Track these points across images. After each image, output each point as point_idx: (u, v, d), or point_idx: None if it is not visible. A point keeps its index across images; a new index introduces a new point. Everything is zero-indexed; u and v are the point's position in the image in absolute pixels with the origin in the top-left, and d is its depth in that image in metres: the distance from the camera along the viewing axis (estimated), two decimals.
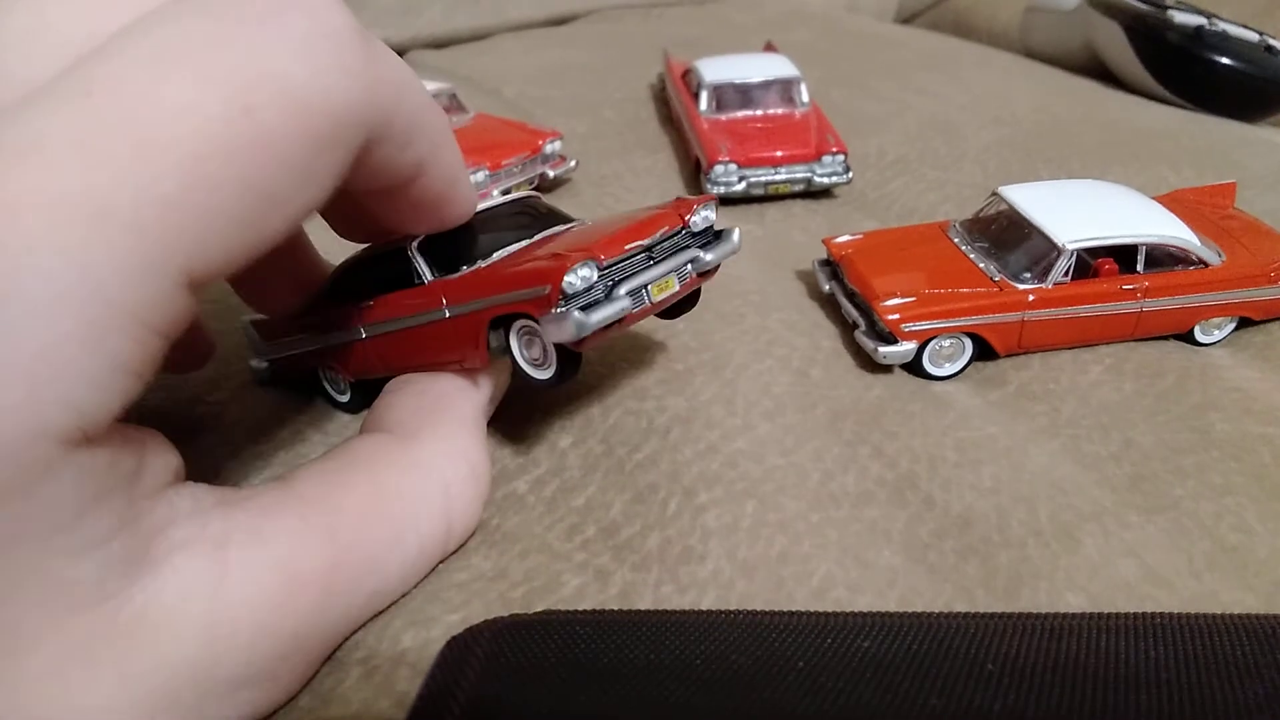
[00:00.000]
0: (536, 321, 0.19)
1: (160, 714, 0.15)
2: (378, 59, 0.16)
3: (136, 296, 0.13)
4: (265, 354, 0.26)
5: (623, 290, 0.20)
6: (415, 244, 0.21)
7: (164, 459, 0.16)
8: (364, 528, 0.18)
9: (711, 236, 0.23)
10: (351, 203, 0.20)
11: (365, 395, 0.24)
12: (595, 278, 0.19)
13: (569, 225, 0.24)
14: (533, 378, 0.21)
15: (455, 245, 0.22)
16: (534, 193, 0.25)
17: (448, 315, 0.21)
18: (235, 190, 0.14)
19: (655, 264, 0.21)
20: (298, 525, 0.17)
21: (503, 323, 0.21)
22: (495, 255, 0.22)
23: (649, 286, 0.21)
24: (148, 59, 0.13)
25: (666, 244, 0.22)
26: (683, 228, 0.22)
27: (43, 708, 0.14)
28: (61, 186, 0.12)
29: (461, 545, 0.21)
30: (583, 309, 0.19)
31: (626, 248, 0.20)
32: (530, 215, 0.24)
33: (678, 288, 0.22)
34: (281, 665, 0.16)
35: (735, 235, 0.23)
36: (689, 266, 0.22)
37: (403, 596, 0.19)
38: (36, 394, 0.12)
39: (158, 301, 0.13)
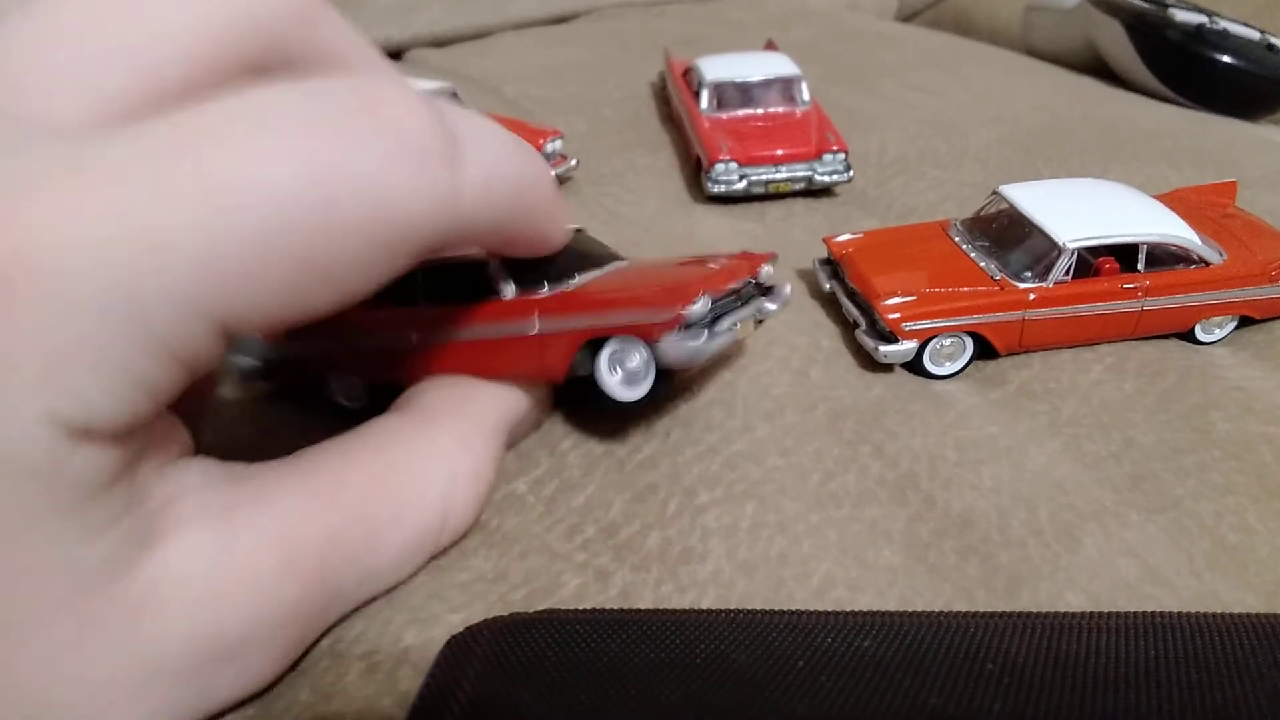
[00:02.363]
0: (650, 344, 0.21)
1: (158, 682, 0.15)
2: (464, 172, 0.16)
3: (171, 328, 0.13)
4: (265, 353, 0.26)
5: (724, 324, 0.22)
6: (497, 259, 0.22)
7: (172, 434, 0.17)
8: (367, 502, 0.18)
9: (769, 289, 0.26)
10: None
11: (381, 403, 0.23)
12: (708, 310, 0.21)
13: (623, 261, 0.25)
14: (616, 397, 0.22)
15: (536, 265, 0.22)
16: (581, 227, 0.26)
17: (536, 331, 0.22)
18: (294, 267, 0.14)
19: (742, 305, 0.24)
20: (301, 495, 0.17)
21: (590, 345, 0.22)
22: (576, 279, 0.23)
23: (737, 324, 0.23)
24: (246, 124, 0.14)
25: (745, 292, 0.24)
26: (752, 279, 0.25)
27: (48, 684, 0.14)
28: (132, 211, 0.13)
29: (453, 543, 0.21)
30: (697, 335, 0.21)
31: (727, 288, 0.23)
32: (588, 247, 0.25)
33: (753, 329, 0.25)
34: (278, 634, 0.16)
35: (788, 289, 0.26)
36: (758, 312, 0.24)
37: (398, 589, 0.19)
38: (53, 380, 0.13)
39: (190, 338, 0.14)
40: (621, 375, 0.22)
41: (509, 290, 0.22)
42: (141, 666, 0.15)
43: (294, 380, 0.26)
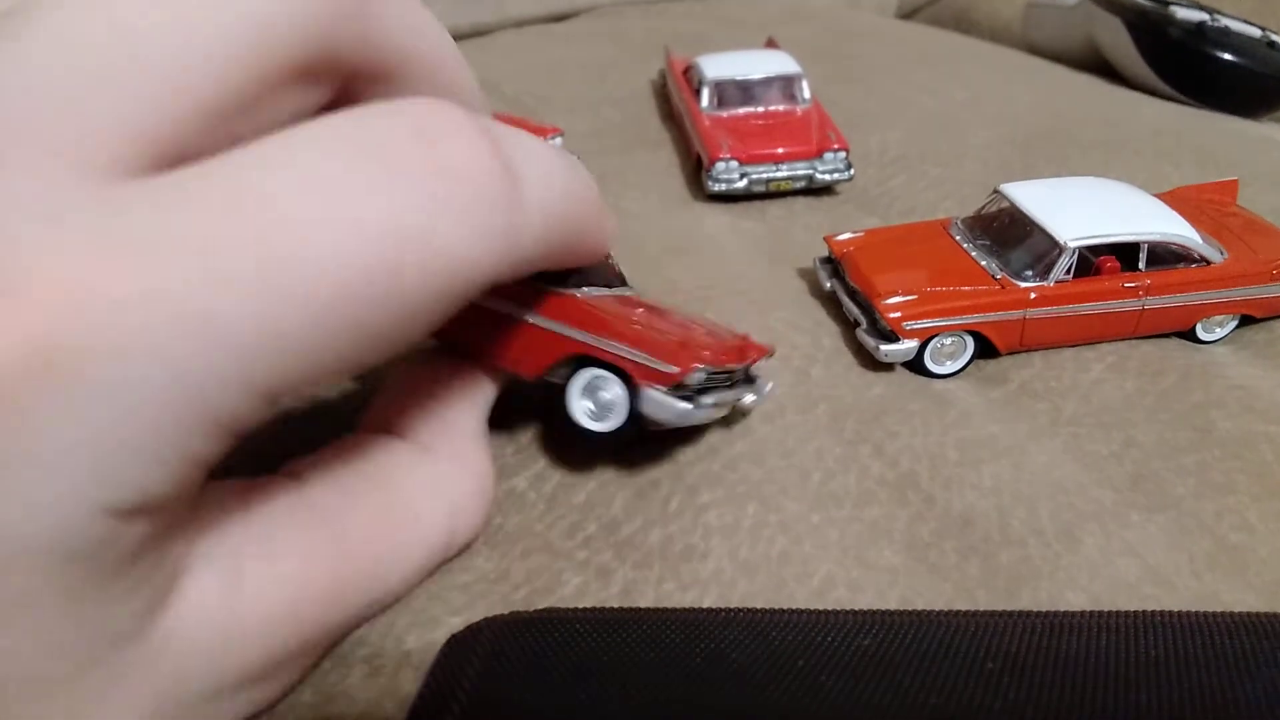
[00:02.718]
0: (633, 386, 0.21)
1: (166, 718, 0.15)
2: (526, 209, 0.15)
3: (225, 406, 0.13)
4: None
5: (709, 400, 0.22)
6: None
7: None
8: (371, 539, 0.18)
9: (754, 379, 0.25)
10: None
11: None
12: (703, 381, 0.21)
13: (630, 289, 0.25)
14: (578, 422, 0.21)
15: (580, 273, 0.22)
16: None
17: (530, 321, 0.21)
18: (351, 336, 0.13)
19: (728, 388, 0.23)
20: (307, 538, 0.17)
21: (575, 361, 0.21)
22: (583, 290, 0.22)
23: (717, 405, 0.22)
24: (297, 183, 0.13)
25: (739, 374, 0.24)
26: (746, 366, 0.24)
27: None
28: (182, 290, 0.12)
29: (461, 552, 0.21)
30: (683, 400, 0.21)
31: (724, 367, 0.22)
32: (604, 269, 0.24)
33: (724, 414, 0.24)
34: (282, 669, 0.17)
35: (769, 386, 0.25)
36: (739, 400, 0.24)
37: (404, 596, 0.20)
38: (105, 470, 0.12)
39: (242, 411, 0.13)
40: (591, 404, 0.21)
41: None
42: (157, 710, 0.15)
43: None
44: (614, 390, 0.21)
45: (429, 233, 0.13)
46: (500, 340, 0.22)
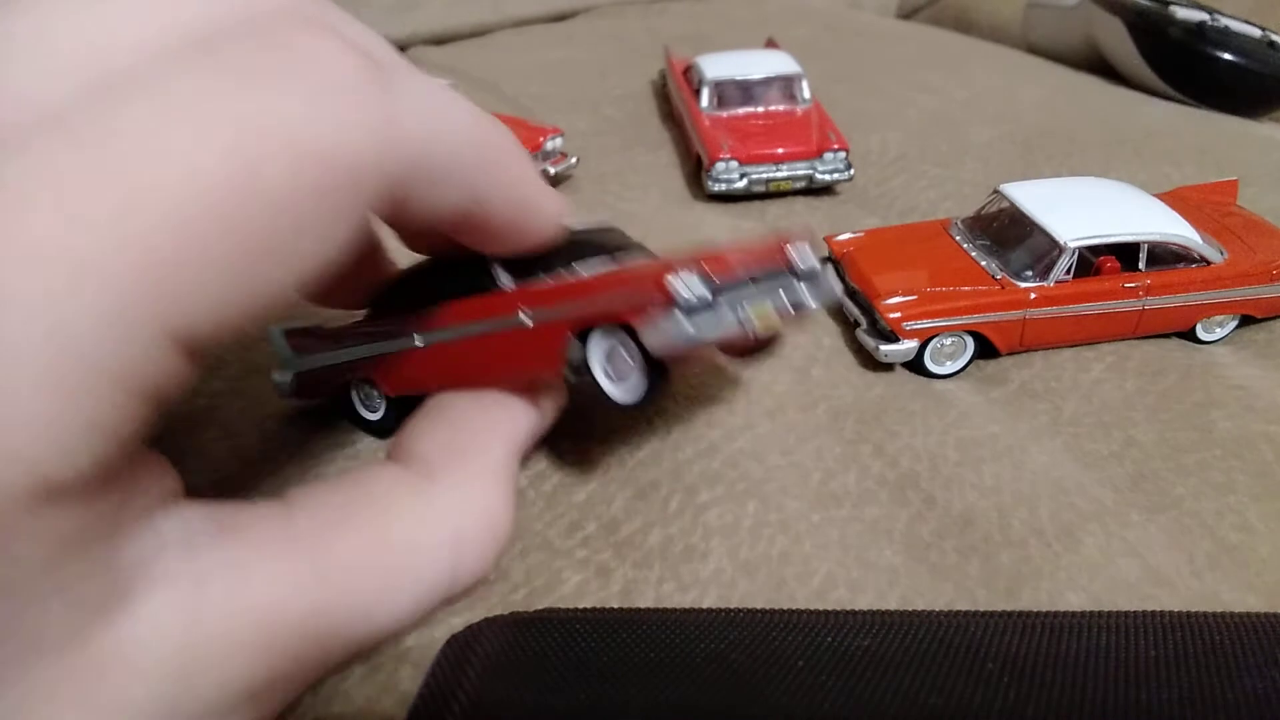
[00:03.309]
0: (632, 331, 0.18)
1: None
2: (399, 101, 0.15)
3: (115, 357, 0.12)
4: (295, 365, 0.24)
5: (722, 301, 0.19)
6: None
7: (158, 483, 0.15)
8: (357, 574, 0.17)
9: (812, 276, 0.21)
10: (419, 229, 0.20)
11: (400, 416, 0.23)
12: (703, 290, 0.18)
13: (646, 252, 0.23)
14: (610, 397, 0.19)
15: (536, 256, 0.21)
16: (612, 223, 0.24)
17: (528, 323, 0.20)
18: (231, 247, 0.13)
19: (758, 291, 0.20)
20: (284, 564, 0.16)
21: (586, 337, 0.19)
22: (577, 269, 0.21)
23: (745, 304, 0.19)
24: (147, 111, 0.12)
25: (767, 274, 0.20)
26: (784, 265, 0.21)
27: None
28: (39, 236, 0.11)
29: (469, 589, 0.20)
30: (695, 312, 0.18)
31: (734, 268, 0.19)
32: (613, 240, 0.23)
33: (777, 320, 0.20)
34: (251, 702, 0.16)
35: (830, 278, 0.22)
36: (788, 295, 0.21)
37: None
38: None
39: (141, 363, 0.12)
40: (613, 372, 0.19)
41: (506, 282, 0.21)
42: None
43: (322, 392, 0.25)
44: (621, 349, 0.19)
45: (285, 124, 0.13)
46: (515, 357, 0.21)
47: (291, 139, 0.13)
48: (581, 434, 0.24)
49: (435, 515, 0.19)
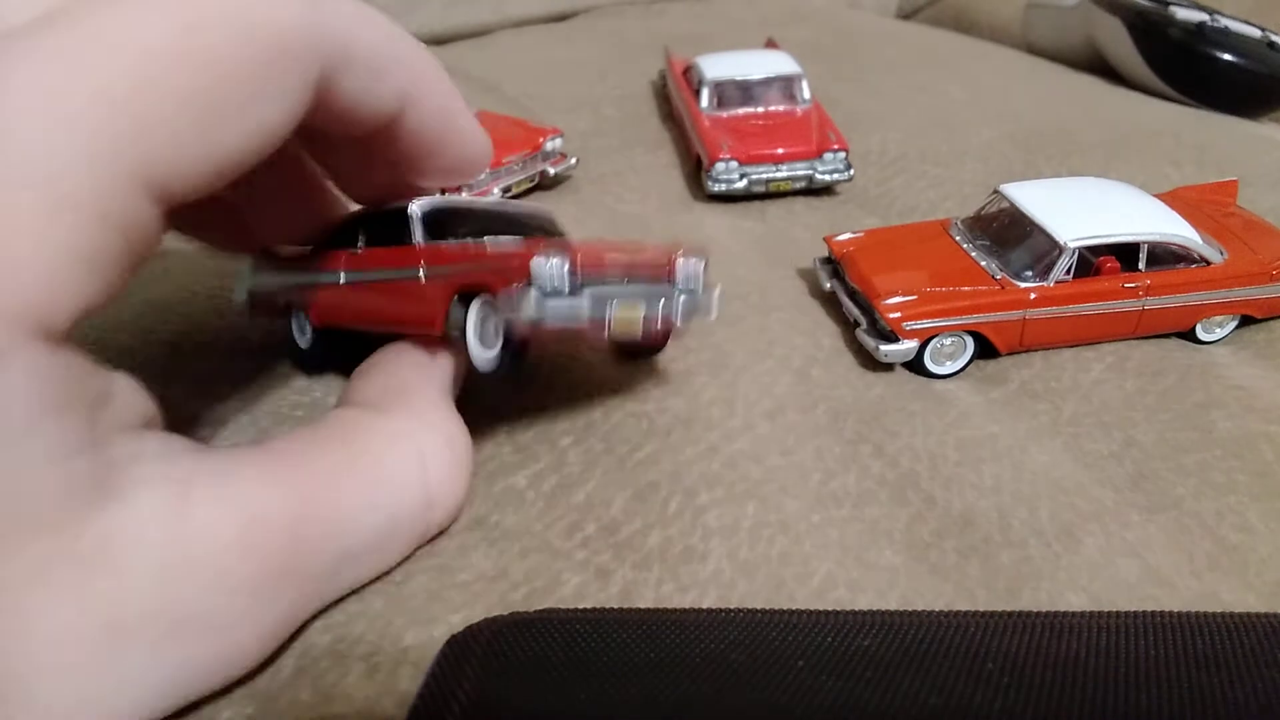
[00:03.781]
0: (495, 298, 0.20)
1: (122, 648, 0.15)
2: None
3: (92, 187, 0.14)
4: (249, 282, 0.27)
5: (585, 293, 0.20)
6: (419, 207, 0.22)
7: (137, 401, 0.17)
8: (334, 485, 0.18)
9: (691, 293, 0.22)
10: (354, 157, 0.22)
11: (326, 348, 0.26)
12: (566, 275, 0.19)
13: (561, 236, 0.25)
14: (476, 357, 0.21)
15: (454, 221, 0.23)
16: (549, 211, 0.26)
17: (422, 278, 0.22)
18: (180, 99, 0.15)
19: (632, 293, 0.21)
20: (264, 473, 0.17)
21: (469, 300, 0.21)
22: (488, 241, 0.23)
23: (614, 302, 0.20)
24: (110, 3, 0.15)
25: (646, 280, 0.21)
26: (668, 276, 0.22)
27: (2, 628, 0.14)
28: (18, 85, 0.14)
29: (450, 520, 0.21)
30: (557, 296, 0.19)
31: (607, 266, 0.20)
32: (535, 223, 0.25)
33: (641, 320, 0.21)
34: (242, 614, 0.16)
35: (715, 295, 0.23)
36: (659, 305, 0.21)
37: (398, 588, 0.19)
38: None
39: (115, 197, 0.14)
40: (485, 339, 0.21)
41: (417, 236, 0.22)
42: (100, 626, 0.15)
43: (269, 312, 0.27)
44: (485, 308, 0.21)
45: (225, 3, 0.16)
46: (408, 307, 0.22)
47: (231, 14, 0.16)
48: (582, 434, 0.24)
49: (398, 434, 0.20)
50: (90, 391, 0.15)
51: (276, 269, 0.27)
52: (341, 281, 0.24)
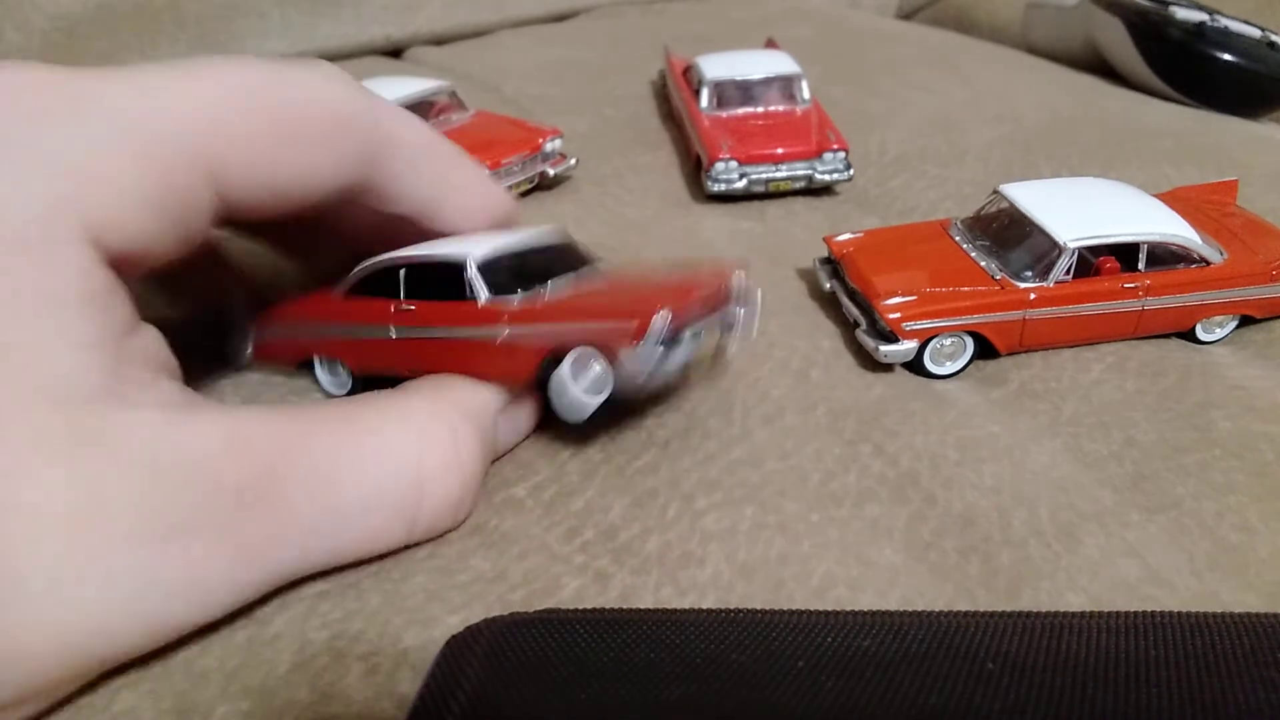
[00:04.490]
0: (603, 355, 0.21)
1: (99, 538, 0.15)
2: (378, 100, 0.23)
3: (169, 151, 0.18)
4: (260, 335, 0.27)
5: (685, 337, 0.22)
6: (475, 263, 0.22)
7: (161, 352, 0.20)
8: (325, 441, 0.19)
9: (754, 304, 0.25)
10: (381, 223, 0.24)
11: (366, 386, 0.25)
12: (669, 328, 0.21)
13: (598, 263, 0.25)
14: (572, 409, 0.22)
15: (507, 269, 0.23)
16: (561, 227, 0.26)
17: (505, 336, 0.22)
18: (253, 125, 0.20)
19: (704, 321, 0.23)
20: (260, 414, 0.19)
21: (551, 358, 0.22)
22: (549, 286, 0.23)
23: (700, 336, 0.23)
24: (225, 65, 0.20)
25: (716, 309, 0.24)
26: (728, 299, 0.24)
27: (6, 490, 0.15)
28: (144, 85, 0.19)
29: (442, 525, 0.21)
30: (654, 352, 0.21)
31: (695, 308, 0.22)
32: (566, 249, 0.25)
33: (711, 350, 0.24)
34: (221, 529, 0.17)
35: (755, 301, 0.25)
36: (729, 330, 0.24)
37: (396, 587, 0.19)
38: (71, 169, 0.17)
39: (185, 168, 0.18)
40: (584, 385, 0.22)
41: (483, 295, 0.22)
42: (87, 512, 0.15)
43: (283, 360, 0.27)
44: (595, 367, 0.21)
45: (309, 83, 0.21)
46: (486, 365, 0.22)
47: (307, 86, 0.21)
48: (580, 447, 0.24)
49: (404, 417, 0.21)
50: (124, 316, 0.18)
51: (290, 322, 0.26)
52: (392, 336, 0.24)
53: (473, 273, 0.22)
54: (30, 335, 0.16)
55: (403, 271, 0.23)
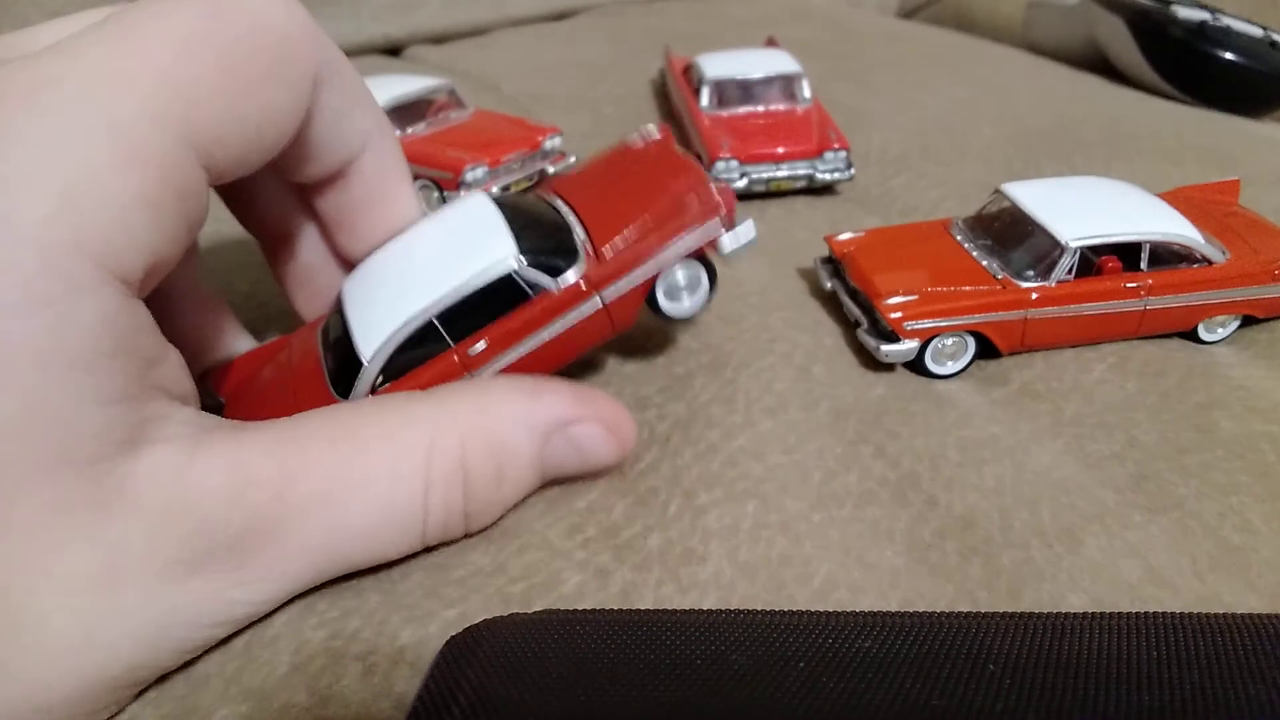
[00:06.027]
0: (703, 259, 0.23)
1: (116, 587, 0.16)
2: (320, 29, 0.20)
3: (154, 144, 0.16)
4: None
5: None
6: (519, 261, 0.21)
7: (181, 375, 0.19)
8: (328, 457, 0.19)
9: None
10: (299, 214, 0.24)
11: None
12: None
13: (568, 182, 0.25)
14: (687, 311, 0.24)
15: (539, 248, 0.22)
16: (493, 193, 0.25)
17: (596, 306, 0.22)
18: (212, 72, 0.17)
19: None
20: (262, 439, 0.18)
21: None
22: (578, 230, 0.23)
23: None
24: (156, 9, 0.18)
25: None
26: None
27: (12, 563, 0.15)
28: (93, 66, 0.16)
29: (458, 531, 0.20)
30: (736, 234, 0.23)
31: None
32: (540, 200, 0.25)
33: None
34: (230, 564, 0.17)
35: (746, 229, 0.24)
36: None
37: (394, 585, 0.19)
38: (71, 205, 0.15)
39: (171, 154, 0.17)
40: (683, 295, 0.23)
41: (550, 282, 0.22)
42: (107, 566, 0.16)
43: None
44: (691, 270, 0.23)
45: (247, 7, 0.19)
46: (593, 335, 0.23)
47: (248, 10, 0.18)
48: None
49: (416, 412, 0.20)
50: (147, 348, 0.17)
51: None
52: (472, 373, 0.22)
53: (524, 272, 0.21)
54: (54, 399, 0.15)
55: (438, 321, 0.21)
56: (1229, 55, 0.48)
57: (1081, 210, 0.29)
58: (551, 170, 0.39)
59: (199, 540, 0.17)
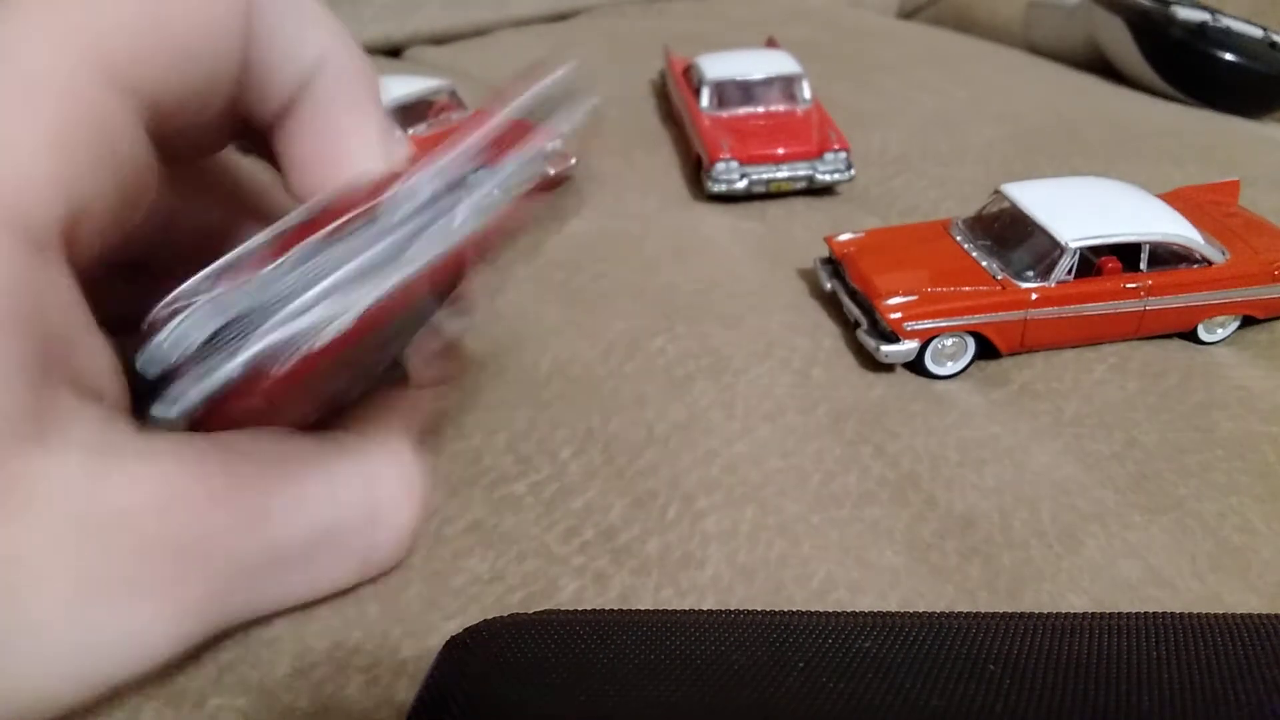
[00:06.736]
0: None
1: (19, 594, 0.14)
2: None
3: (59, 70, 0.14)
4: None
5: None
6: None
7: (102, 370, 0.16)
8: (263, 479, 0.17)
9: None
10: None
11: None
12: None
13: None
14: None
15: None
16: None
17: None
18: (149, 27, 0.15)
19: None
20: (190, 450, 0.16)
21: None
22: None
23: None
24: None
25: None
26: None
27: None
28: (59, 21, 0.15)
29: (399, 556, 0.20)
30: None
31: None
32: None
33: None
34: (154, 584, 0.15)
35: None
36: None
37: (395, 595, 0.19)
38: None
39: (85, 85, 0.15)
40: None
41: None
42: (20, 576, 0.14)
43: None
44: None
45: None
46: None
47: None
48: (582, 446, 0.24)
49: (347, 449, 0.19)
50: (56, 324, 0.14)
51: None
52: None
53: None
54: None
55: None
56: (1229, 56, 0.48)
57: (1081, 211, 0.29)
58: (552, 172, 0.39)
59: (116, 557, 0.15)
